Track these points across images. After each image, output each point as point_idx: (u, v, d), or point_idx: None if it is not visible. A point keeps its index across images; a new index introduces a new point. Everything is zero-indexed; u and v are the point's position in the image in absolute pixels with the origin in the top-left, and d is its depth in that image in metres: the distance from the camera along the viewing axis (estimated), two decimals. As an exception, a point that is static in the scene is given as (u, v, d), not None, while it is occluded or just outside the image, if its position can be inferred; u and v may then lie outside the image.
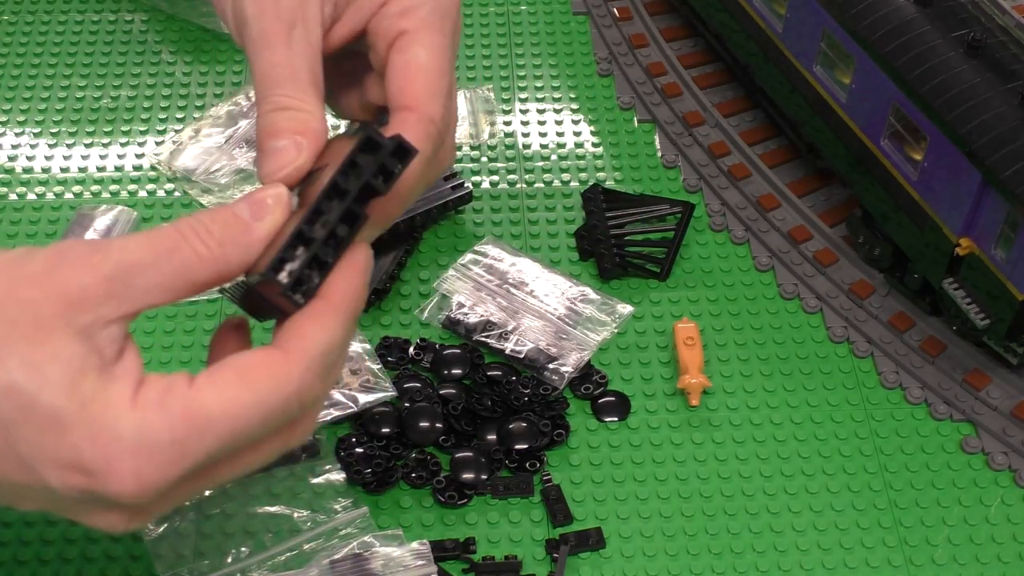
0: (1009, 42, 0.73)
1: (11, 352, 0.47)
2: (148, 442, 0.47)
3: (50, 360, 0.47)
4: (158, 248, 0.50)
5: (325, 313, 0.51)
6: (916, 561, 0.70)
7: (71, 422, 0.47)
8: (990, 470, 0.74)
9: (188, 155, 0.88)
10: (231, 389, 0.49)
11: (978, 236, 0.72)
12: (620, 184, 0.88)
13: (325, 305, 0.52)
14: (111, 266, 0.49)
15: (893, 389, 0.78)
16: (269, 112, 0.54)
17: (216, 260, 0.50)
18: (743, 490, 0.73)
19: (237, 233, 0.51)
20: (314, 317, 0.51)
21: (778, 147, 0.89)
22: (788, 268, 0.83)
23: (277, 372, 0.50)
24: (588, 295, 0.80)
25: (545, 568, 0.69)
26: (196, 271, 0.50)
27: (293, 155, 0.53)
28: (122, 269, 0.49)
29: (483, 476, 0.71)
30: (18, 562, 0.68)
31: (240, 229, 0.51)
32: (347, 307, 0.52)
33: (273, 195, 0.52)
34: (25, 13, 0.98)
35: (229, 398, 0.49)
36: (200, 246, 0.50)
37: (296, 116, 0.54)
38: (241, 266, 0.51)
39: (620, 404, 0.76)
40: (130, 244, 0.50)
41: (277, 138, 0.53)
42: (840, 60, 0.78)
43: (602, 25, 0.98)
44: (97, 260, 0.49)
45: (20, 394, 0.47)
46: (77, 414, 0.47)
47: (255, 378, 0.49)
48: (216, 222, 0.51)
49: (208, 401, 0.49)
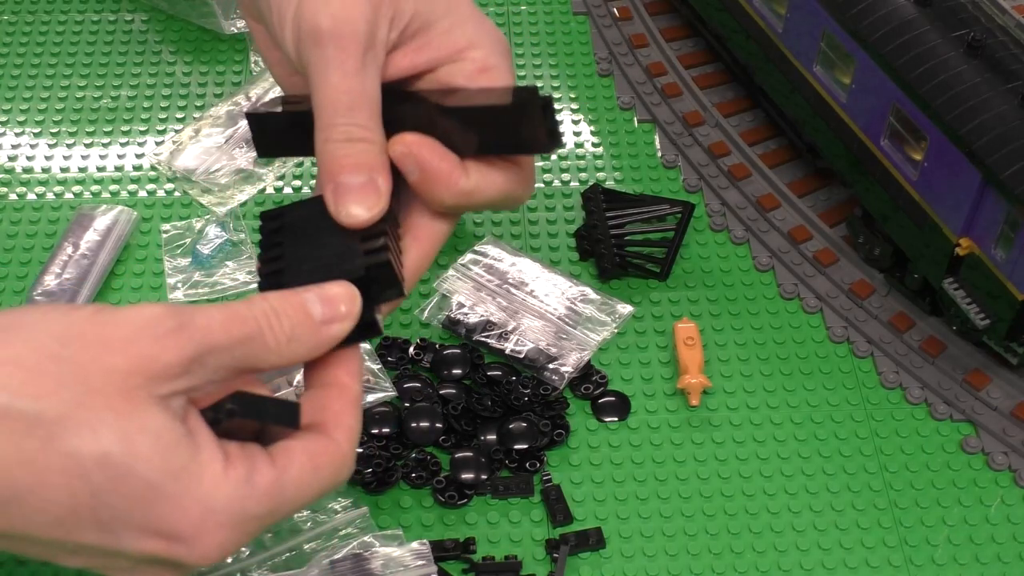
0: (1009, 42, 0.73)
1: (102, 422, 0.47)
2: (239, 517, 0.50)
3: (140, 432, 0.48)
4: (235, 334, 0.50)
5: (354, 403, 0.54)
6: (916, 561, 0.70)
7: (164, 494, 0.48)
8: (990, 470, 0.74)
9: (188, 155, 0.88)
10: (306, 475, 0.51)
11: (978, 236, 0.72)
12: (620, 184, 0.88)
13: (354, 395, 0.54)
14: (193, 348, 0.49)
15: (893, 389, 0.78)
16: (341, 142, 0.52)
17: (281, 355, 0.52)
18: (743, 490, 0.73)
19: (306, 333, 0.52)
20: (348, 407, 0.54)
21: (778, 147, 0.89)
22: (788, 268, 0.83)
23: (338, 460, 0.52)
24: (588, 295, 0.80)
25: (545, 568, 0.69)
26: (262, 360, 0.51)
27: (374, 198, 0.52)
28: (202, 351, 0.49)
29: (483, 476, 0.71)
30: (18, 562, 0.68)
31: (310, 330, 0.52)
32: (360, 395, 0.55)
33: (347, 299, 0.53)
34: (25, 13, 0.98)
35: (304, 482, 0.51)
36: (271, 338, 0.51)
37: (370, 150, 0.53)
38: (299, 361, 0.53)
39: (620, 404, 0.76)
40: (213, 324, 0.50)
41: (355, 173, 0.52)
42: (840, 60, 0.78)
43: (602, 25, 0.98)
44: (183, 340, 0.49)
45: (114, 465, 0.47)
46: (170, 486, 0.48)
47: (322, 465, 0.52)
48: (288, 316, 0.52)
49: (288, 483, 0.51)
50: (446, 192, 0.54)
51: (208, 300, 0.80)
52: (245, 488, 0.50)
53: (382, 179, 0.52)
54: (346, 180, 0.52)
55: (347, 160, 0.52)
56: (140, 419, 0.48)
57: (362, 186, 0.52)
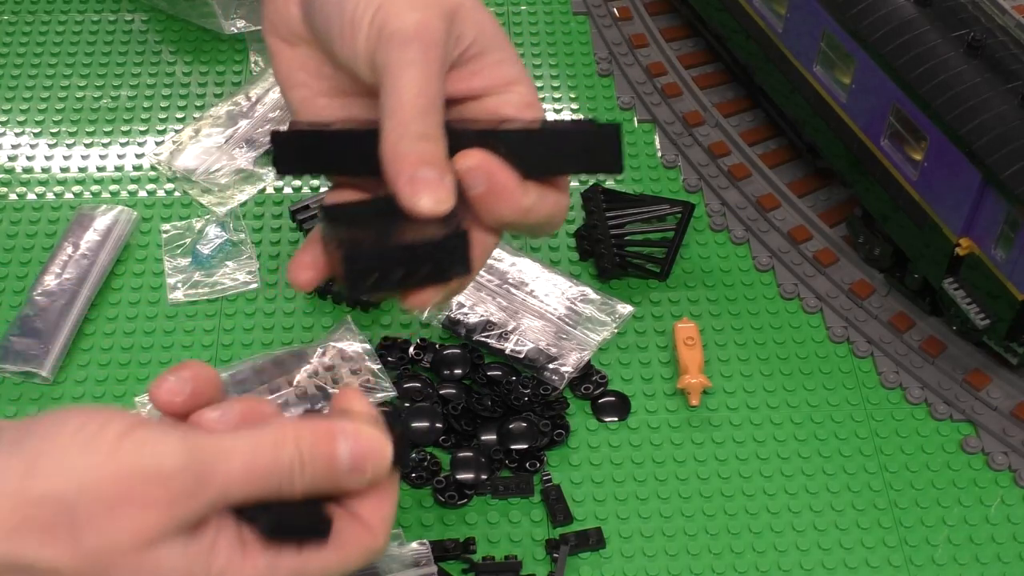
0: (1009, 42, 0.73)
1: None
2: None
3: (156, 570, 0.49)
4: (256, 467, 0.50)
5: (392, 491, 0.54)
6: (916, 561, 0.70)
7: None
8: (990, 470, 0.74)
9: (188, 155, 0.88)
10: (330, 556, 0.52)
11: (978, 236, 0.72)
12: (620, 184, 0.88)
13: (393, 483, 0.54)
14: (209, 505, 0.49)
15: (893, 389, 0.78)
16: (417, 139, 0.53)
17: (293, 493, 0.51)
18: (743, 490, 0.73)
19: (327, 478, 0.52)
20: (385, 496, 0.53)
21: (778, 147, 0.89)
22: (788, 268, 0.83)
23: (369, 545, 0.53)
24: (588, 295, 0.80)
25: (545, 568, 0.69)
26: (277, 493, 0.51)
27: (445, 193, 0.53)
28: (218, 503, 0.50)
29: (483, 476, 0.71)
30: (18, 562, 0.68)
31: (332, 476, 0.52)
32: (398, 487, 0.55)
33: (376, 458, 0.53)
34: (25, 13, 0.98)
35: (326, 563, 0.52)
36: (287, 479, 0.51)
37: (442, 151, 0.54)
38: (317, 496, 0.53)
39: (620, 404, 0.76)
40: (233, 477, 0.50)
41: (431, 168, 0.53)
42: (840, 60, 0.78)
43: (602, 25, 0.98)
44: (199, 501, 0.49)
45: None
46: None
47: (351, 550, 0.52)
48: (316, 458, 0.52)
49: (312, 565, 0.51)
50: (507, 208, 0.55)
51: (208, 300, 0.80)
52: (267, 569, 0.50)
53: (450, 179, 0.53)
54: (423, 174, 0.53)
55: (425, 155, 0.53)
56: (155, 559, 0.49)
57: (437, 180, 0.53)
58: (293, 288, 0.63)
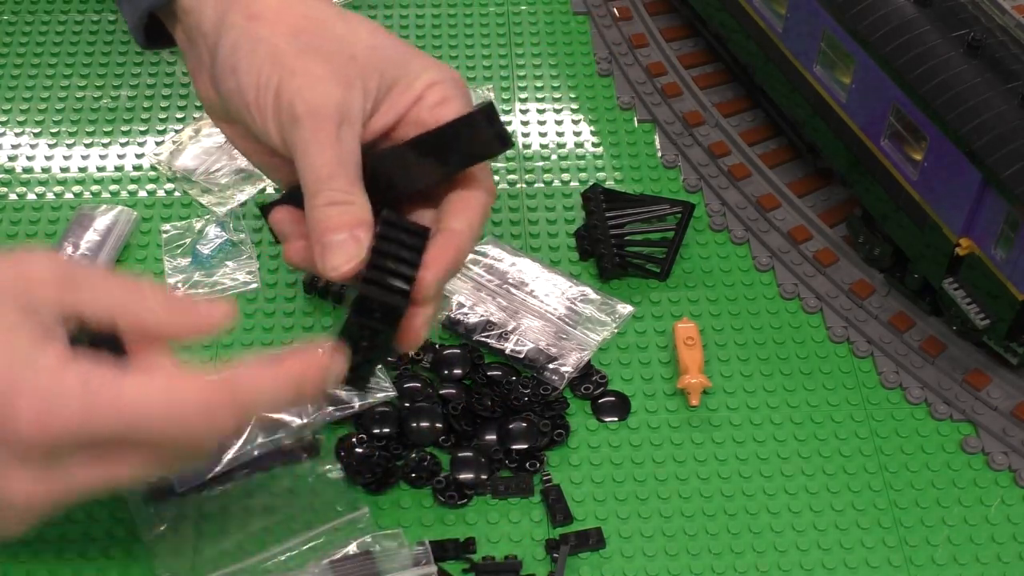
0: (1009, 42, 0.73)
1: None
2: (61, 395, 0.53)
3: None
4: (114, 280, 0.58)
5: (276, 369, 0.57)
6: (916, 561, 0.70)
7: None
8: (990, 470, 0.74)
9: (188, 155, 0.88)
10: (154, 389, 0.54)
11: (978, 236, 0.72)
12: (620, 184, 0.88)
13: (279, 363, 0.57)
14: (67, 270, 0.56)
15: (893, 389, 0.78)
16: (324, 206, 0.59)
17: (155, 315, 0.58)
18: (743, 490, 0.73)
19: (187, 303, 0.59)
20: (262, 368, 0.57)
21: (778, 147, 0.90)
22: (788, 268, 0.83)
23: (200, 395, 0.55)
24: (588, 295, 0.80)
25: (545, 568, 0.69)
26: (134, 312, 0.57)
27: (354, 250, 0.58)
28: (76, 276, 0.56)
29: (483, 476, 0.71)
30: (18, 562, 0.68)
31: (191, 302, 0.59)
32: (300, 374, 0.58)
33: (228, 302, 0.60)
34: (25, 13, 0.98)
35: (146, 393, 0.54)
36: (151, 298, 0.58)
37: (349, 210, 0.59)
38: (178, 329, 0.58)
39: (620, 404, 0.76)
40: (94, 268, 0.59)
41: (337, 232, 0.58)
42: (840, 60, 0.78)
43: (602, 25, 0.98)
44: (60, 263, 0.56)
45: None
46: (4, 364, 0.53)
47: (179, 390, 0.55)
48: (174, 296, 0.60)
49: (128, 383, 0.54)
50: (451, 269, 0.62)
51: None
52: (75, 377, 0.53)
53: (363, 233, 0.59)
54: (329, 239, 0.59)
55: (330, 222, 0.59)
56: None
57: (342, 243, 0.58)
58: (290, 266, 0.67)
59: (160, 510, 0.69)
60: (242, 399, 0.56)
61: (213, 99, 0.65)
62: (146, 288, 0.58)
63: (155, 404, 0.54)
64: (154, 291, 0.58)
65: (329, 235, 0.58)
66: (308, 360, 0.57)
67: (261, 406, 0.57)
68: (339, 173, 0.59)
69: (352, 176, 0.59)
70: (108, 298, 0.57)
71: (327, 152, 0.59)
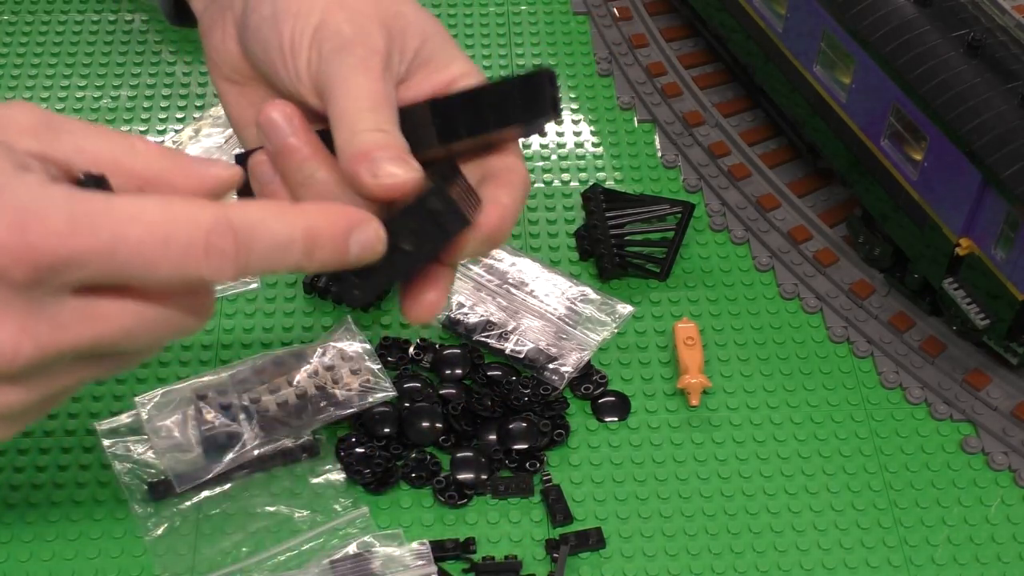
0: (1009, 42, 0.73)
1: None
2: (44, 206, 0.46)
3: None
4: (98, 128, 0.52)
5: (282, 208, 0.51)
6: (916, 561, 0.70)
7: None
8: (990, 470, 0.74)
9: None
10: (147, 200, 0.48)
11: (978, 236, 0.72)
12: (620, 184, 0.88)
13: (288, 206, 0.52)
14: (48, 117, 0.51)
15: (893, 389, 0.78)
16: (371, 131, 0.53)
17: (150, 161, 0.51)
18: (743, 490, 0.73)
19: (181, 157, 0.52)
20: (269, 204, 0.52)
21: (778, 147, 0.90)
22: (788, 268, 0.83)
23: (197, 209, 0.48)
24: (588, 295, 0.80)
25: (545, 568, 0.69)
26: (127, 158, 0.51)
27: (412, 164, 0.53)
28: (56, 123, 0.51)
29: (483, 476, 0.71)
30: (17, 561, 0.68)
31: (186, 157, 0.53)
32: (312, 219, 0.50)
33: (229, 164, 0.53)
34: (25, 13, 0.98)
35: (138, 203, 0.48)
36: (140, 144, 0.52)
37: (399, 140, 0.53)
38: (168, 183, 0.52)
39: (620, 404, 0.76)
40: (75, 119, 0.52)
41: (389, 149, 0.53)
42: (840, 60, 0.78)
43: (602, 25, 0.98)
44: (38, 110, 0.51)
45: None
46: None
47: (173, 201, 0.48)
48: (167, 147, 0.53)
49: (119, 199, 0.48)
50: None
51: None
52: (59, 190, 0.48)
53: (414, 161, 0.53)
54: (379, 155, 0.52)
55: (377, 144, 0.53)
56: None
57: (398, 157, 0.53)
58: None
59: (160, 510, 0.70)
60: (246, 234, 0.49)
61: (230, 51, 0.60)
62: (136, 140, 0.52)
63: (150, 223, 0.47)
64: (146, 144, 0.52)
65: (379, 151, 0.52)
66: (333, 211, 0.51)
67: (267, 252, 0.49)
68: (385, 106, 0.54)
69: (394, 116, 0.54)
70: (94, 147, 0.51)
71: (376, 84, 0.54)
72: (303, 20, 0.56)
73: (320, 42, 0.55)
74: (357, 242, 0.51)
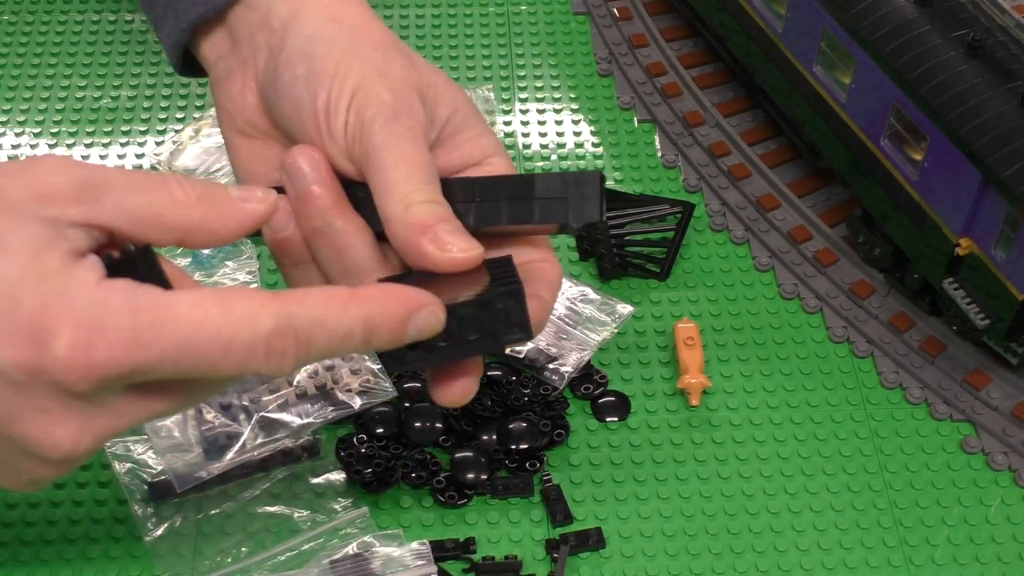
0: (1009, 42, 0.73)
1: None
2: (105, 317, 0.46)
3: (11, 233, 0.47)
4: (135, 178, 0.50)
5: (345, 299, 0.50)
6: (916, 561, 0.70)
7: (27, 292, 0.46)
8: (990, 470, 0.74)
9: (188, 155, 0.88)
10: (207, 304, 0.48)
11: (978, 236, 0.72)
12: (620, 184, 0.88)
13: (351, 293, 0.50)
14: (87, 176, 0.49)
15: (893, 389, 0.78)
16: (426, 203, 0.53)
17: (189, 209, 0.51)
18: (743, 490, 0.73)
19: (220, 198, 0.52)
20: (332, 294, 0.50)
21: (778, 147, 0.90)
22: (788, 268, 0.83)
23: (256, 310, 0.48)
24: (588, 295, 0.80)
25: (545, 568, 0.69)
26: (167, 211, 0.50)
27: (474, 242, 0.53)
28: (97, 181, 0.49)
29: (483, 476, 0.71)
30: (18, 562, 0.68)
31: (225, 197, 0.52)
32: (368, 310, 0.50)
33: (264, 190, 0.53)
34: (25, 13, 0.98)
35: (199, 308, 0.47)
36: (178, 191, 0.51)
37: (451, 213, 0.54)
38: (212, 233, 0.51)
39: (620, 404, 0.76)
40: (110, 169, 0.51)
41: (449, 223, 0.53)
42: (840, 60, 0.78)
43: (602, 25, 0.98)
44: (73, 167, 0.49)
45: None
46: (35, 285, 0.46)
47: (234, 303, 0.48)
48: (202, 184, 0.52)
49: (178, 302, 0.48)
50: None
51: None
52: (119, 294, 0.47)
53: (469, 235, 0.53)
54: (443, 228, 0.53)
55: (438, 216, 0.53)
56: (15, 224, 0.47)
57: (461, 231, 0.53)
58: None
59: (160, 510, 0.70)
60: (307, 334, 0.48)
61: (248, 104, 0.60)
62: (172, 182, 0.51)
63: (211, 332, 0.47)
64: (183, 188, 0.51)
65: (440, 225, 0.52)
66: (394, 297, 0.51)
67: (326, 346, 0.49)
68: (433, 178, 0.54)
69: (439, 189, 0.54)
70: (134, 204, 0.50)
71: (424, 155, 0.54)
72: (340, 82, 0.55)
73: (360, 108, 0.55)
74: (415, 327, 0.51)
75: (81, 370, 0.46)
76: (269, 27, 0.58)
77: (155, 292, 0.48)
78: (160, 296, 0.48)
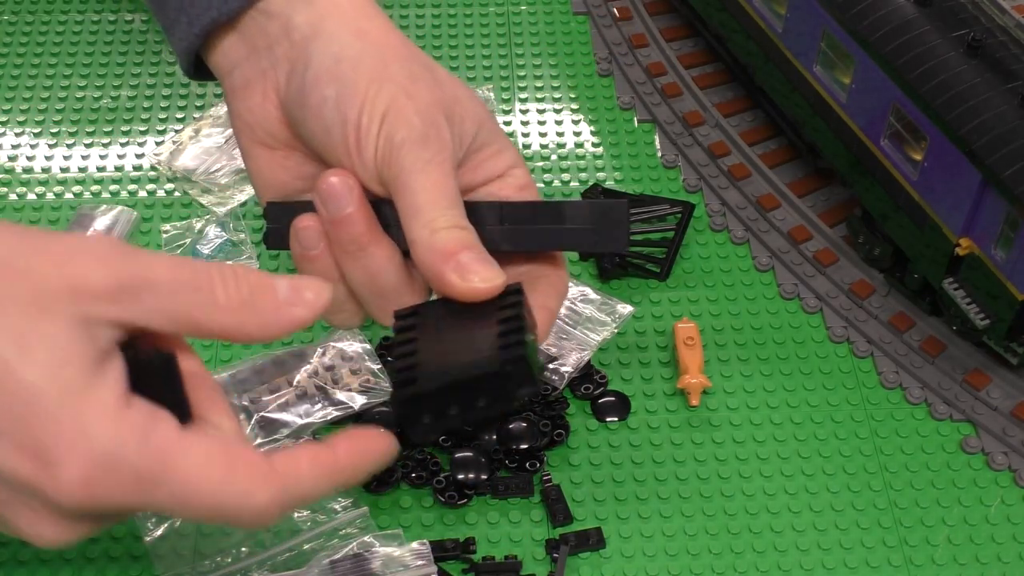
0: (1009, 42, 0.73)
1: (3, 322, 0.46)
2: (115, 459, 0.48)
3: (41, 339, 0.47)
4: (180, 276, 0.50)
5: (329, 467, 0.52)
6: (916, 561, 0.70)
7: (44, 406, 0.47)
8: (990, 470, 0.74)
9: (188, 155, 0.88)
10: (213, 465, 0.49)
11: (978, 236, 0.72)
12: (620, 184, 0.88)
13: (334, 459, 0.52)
14: (128, 274, 0.49)
15: (893, 389, 0.78)
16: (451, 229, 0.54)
17: (229, 316, 0.50)
18: (743, 490, 0.73)
19: (264, 303, 0.51)
20: (318, 463, 0.52)
21: (778, 147, 0.90)
22: (788, 268, 0.83)
23: (256, 485, 0.50)
24: (588, 295, 0.80)
25: (545, 568, 0.69)
26: (205, 315, 0.50)
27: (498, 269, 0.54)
28: (137, 282, 0.49)
29: (483, 476, 0.71)
30: (18, 562, 0.68)
31: (269, 301, 0.51)
32: (346, 474, 0.53)
33: (316, 290, 0.53)
34: (25, 13, 0.98)
35: (204, 470, 0.49)
36: (222, 294, 0.50)
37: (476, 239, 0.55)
38: (248, 337, 0.52)
39: (620, 404, 0.76)
40: (156, 260, 0.50)
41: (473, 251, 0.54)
42: (840, 60, 0.78)
43: (602, 25, 0.98)
44: (119, 264, 0.49)
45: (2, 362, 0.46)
46: (54, 400, 0.47)
47: (237, 472, 0.50)
48: (250, 282, 0.51)
49: (186, 456, 0.49)
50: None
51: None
52: (133, 435, 0.48)
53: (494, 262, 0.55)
54: (466, 256, 0.54)
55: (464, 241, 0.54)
56: (45, 328, 0.47)
57: (484, 259, 0.54)
58: None
59: (160, 510, 0.70)
60: (293, 497, 0.51)
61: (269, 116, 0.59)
62: (217, 282, 0.50)
63: (209, 493, 0.49)
64: (226, 290, 0.50)
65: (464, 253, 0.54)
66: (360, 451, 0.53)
67: (309, 502, 0.54)
68: (458, 203, 0.55)
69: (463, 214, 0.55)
70: (173, 305, 0.49)
71: (450, 180, 0.55)
72: (370, 106, 0.55)
73: (390, 132, 0.55)
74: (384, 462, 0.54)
75: (80, 501, 0.48)
76: (290, 39, 0.58)
77: (168, 433, 0.49)
78: (172, 443, 0.49)
